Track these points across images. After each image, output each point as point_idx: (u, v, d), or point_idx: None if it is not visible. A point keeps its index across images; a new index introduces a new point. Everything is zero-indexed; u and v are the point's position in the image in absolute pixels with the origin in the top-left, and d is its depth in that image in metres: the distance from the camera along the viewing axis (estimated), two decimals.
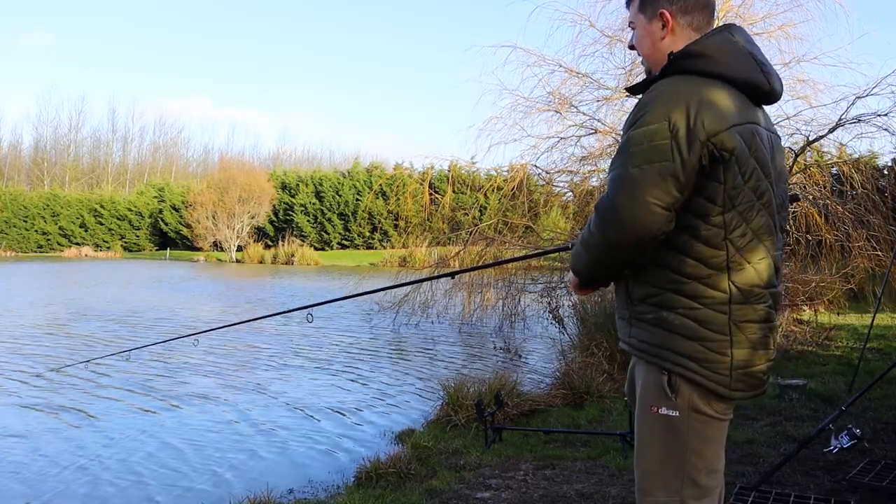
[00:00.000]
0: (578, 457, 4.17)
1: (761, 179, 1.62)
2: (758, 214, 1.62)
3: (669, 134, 1.53)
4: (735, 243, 1.60)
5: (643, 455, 1.71)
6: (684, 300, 1.61)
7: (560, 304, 8.98)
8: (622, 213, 1.55)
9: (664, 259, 1.63)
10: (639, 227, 1.54)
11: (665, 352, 1.64)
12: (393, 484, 3.79)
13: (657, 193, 1.53)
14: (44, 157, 65.71)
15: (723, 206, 1.58)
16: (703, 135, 1.53)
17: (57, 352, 8.80)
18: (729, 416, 1.71)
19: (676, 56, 1.66)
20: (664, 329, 1.64)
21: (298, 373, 7.77)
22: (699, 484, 1.66)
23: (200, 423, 5.59)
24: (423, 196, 10.66)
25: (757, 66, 1.68)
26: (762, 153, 1.63)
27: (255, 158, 69.03)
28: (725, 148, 1.55)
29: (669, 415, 1.64)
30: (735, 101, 1.61)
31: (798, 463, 3.71)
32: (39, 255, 45.93)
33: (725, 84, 1.62)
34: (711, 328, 1.61)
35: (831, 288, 8.37)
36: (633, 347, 1.73)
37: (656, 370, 1.66)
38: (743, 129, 1.59)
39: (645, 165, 1.54)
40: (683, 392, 1.63)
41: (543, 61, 9.00)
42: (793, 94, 8.19)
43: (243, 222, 42.81)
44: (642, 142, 1.56)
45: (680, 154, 1.53)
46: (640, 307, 1.69)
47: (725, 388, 1.62)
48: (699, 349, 1.61)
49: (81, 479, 4.31)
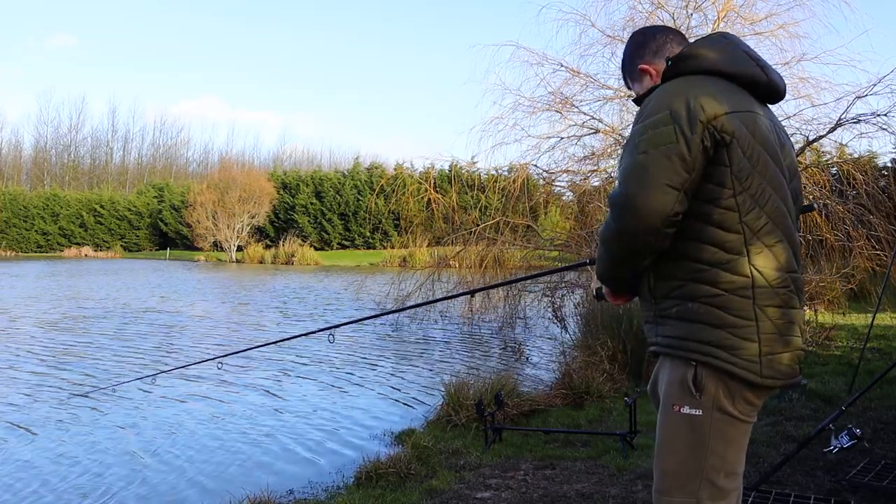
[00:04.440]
0: (578, 457, 4.17)
1: (769, 164, 1.64)
2: (770, 198, 1.63)
3: (671, 119, 1.59)
4: (751, 226, 1.61)
5: (663, 454, 1.70)
6: (706, 288, 1.62)
7: (562, 304, 8.99)
8: (635, 199, 1.58)
9: (682, 250, 1.64)
10: (652, 210, 1.57)
11: (691, 343, 1.63)
12: (393, 484, 3.79)
13: (666, 174, 1.57)
14: (44, 158, 65.72)
15: (732, 188, 1.60)
16: (703, 117, 1.58)
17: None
18: (752, 419, 1.70)
19: (673, 60, 1.73)
20: (689, 320, 1.64)
21: (299, 373, 7.77)
22: (717, 485, 1.65)
23: (200, 424, 5.59)
24: (423, 196, 10.65)
25: (752, 61, 1.73)
26: (768, 141, 1.66)
27: (255, 158, 69.16)
28: (726, 130, 1.59)
29: (692, 414, 1.64)
30: (734, 93, 1.66)
31: (798, 463, 3.71)
32: (39, 255, 45.91)
33: (723, 79, 1.68)
34: (736, 314, 1.60)
35: (831, 288, 8.37)
36: (661, 346, 1.72)
37: (682, 365, 1.65)
38: (742, 116, 1.63)
39: (651, 150, 1.59)
40: (709, 389, 1.63)
41: (546, 61, 9.02)
42: (794, 94, 8.20)
43: (243, 222, 42.79)
44: (646, 131, 1.62)
45: (683, 135, 1.58)
46: (664, 303, 1.70)
47: (756, 374, 1.61)
48: (726, 336, 1.60)
49: (82, 480, 4.32)
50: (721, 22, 8.35)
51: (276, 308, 14.77)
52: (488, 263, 9.88)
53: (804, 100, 8.18)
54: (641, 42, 1.91)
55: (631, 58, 1.92)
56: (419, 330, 11.19)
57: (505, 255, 10.06)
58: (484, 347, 9.63)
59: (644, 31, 1.95)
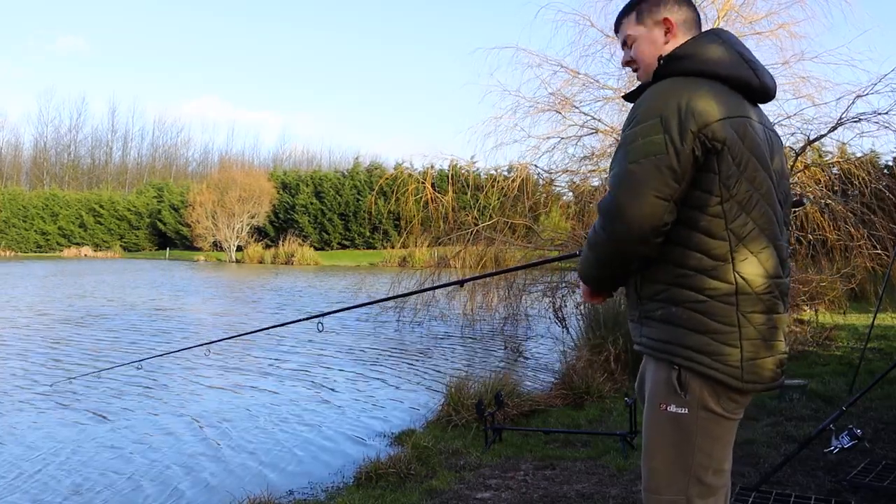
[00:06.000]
0: (578, 457, 4.16)
1: (758, 170, 1.64)
2: (757, 205, 1.64)
3: (662, 128, 1.58)
4: (737, 233, 1.61)
5: (650, 453, 1.71)
6: (690, 293, 1.63)
7: (563, 304, 8.98)
8: (625, 208, 1.59)
9: (668, 255, 1.65)
10: (641, 220, 1.58)
11: (675, 347, 1.64)
12: (393, 484, 3.78)
13: (656, 185, 1.57)
14: (44, 157, 65.70)
15: (720, 195, 1.61)
16: (693, 126, 1.57)
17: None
18: (738, 416, 1.71)
19: (666, 59, 1.72)
20: (673, 324, 1.65)
21: (299, 373, 7.76)
22: (705, 483, 1.66)
23: (198, 425, 5.58)
24: (423, 196, 10.64)
25: (745, 63, 1.72)
26: (757, 146, 1.66)
27: (255, 158, 69.13)
28: (717, 138, 1.59)
29: (678, 412, 1.65)
30: (725, 97, 1.65)
31: (799, 463, 3.70)
32: (39, 256, 45.92)
33: (715, 81, 1.67)
34: (719, 320, 1.61)
35: (832, 288, 8.36)
36: (644, 346, 1.74)
37: (666, 367, 1.67)
38: (734, 122, 1.62)
39: (642, 160, 1.59)
40: (693, 389, 1.64)
41: (545, 62, 9.03)
42: (794, 94, 8.20)
43: (243, 222, 42.79)
44: (637, 139, 1.61)
45: (674, 145, 1.57)
46: (649, 305, 1.71)
47: (738, 380, 1.62)
48: (709, 342, 1.61)
49: (83, 479, 4.31)
50: (721, 21, 8.34)
51: (290, 307, 14.79)
52: (487, 263, 9.87)
53: (805, 99, 8.17)
54: None
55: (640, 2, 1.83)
56: (419, 330, 11.19)
57: (505, 255, 10.06)
58: (484, 347, 9.63)
59: None
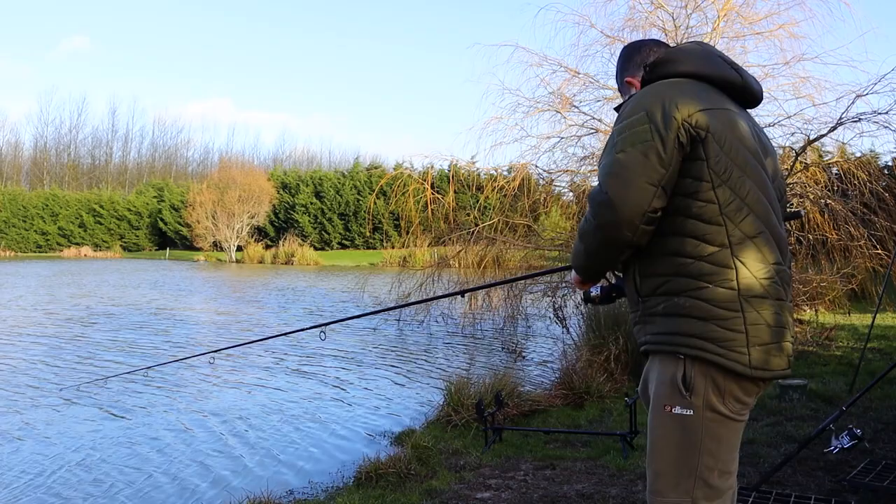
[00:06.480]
0: (578, 457, 4.16)
1: (748, 159, 1.68)
2: (750, 191, 1.66)
3: (647, 119, 1.64)
4: (732, 217, 1.63)
5: (656, 455, 1.70)
6: (691, 281, 1.64)
7: (563, 304, 8.97)
8: (613, 195, 1.63)
9: (665, 246, 1.67)
10: (629, 204, 1.61)
11: (679, 337, 1.64)
12: (393, 484, 3.78)
13: (642, 170, 1.61)
14: (44, 157, 65.68)
15: (711, 181, 1.64)
16: (677, 115, 1.63)
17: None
18: (744, 418, 1.70)
19: (650, 66, 1.80)
20: (676, 315, 1.65)
21: (299, 373, 7.76)
22: (711, 485, 1.66)
23: (200, 425, 5.58)
24: (423, 195, 10.63)
25: (726, 64, 1.79)
26: (745, 136, 1.70)
27: (255, 158, 69.08)
28: (700, 126, 1.63)
29: (683, 414, 1.64)
30: (707, 93, 1.71)
31: (799, 463, 3.70)
32: (39, 256, 45.91)
33: (699, 81, 1.74)
34: (722, 306, 1.61)
35: (832, 288, 8.35)
36: (649, 343, 1.73)
37: (671, 362, 1.66)
38: (717, 112, 1.68)
39: (629, 148, 1.64)
40: (699, 389, 1.63)
41: (545, 61, 9.01)
42: (794, 94, 8.18)
43: (243, 222, 42.78)
44: (623, 131, 1.67)
45: (659, 133, 1.62)
46: (651, 300, 1.71)
47: (745, 366, 1.61)
48: (713, 328, 1.61)
49: (82, 480, 4.31)
50: (721, 21, 8.33)
51: (293, 307, 14.78)
52: (487, 263, 9.86)
53: (805, 99, 8.15)
54: (628, 55, 1.98)
55: (620, 71, 2.00)
56: (420, 330, 11.19)
57: (505, 255, 10.04)
58: (484, 347, 9.63)
59: (631, 45, 2.02)
